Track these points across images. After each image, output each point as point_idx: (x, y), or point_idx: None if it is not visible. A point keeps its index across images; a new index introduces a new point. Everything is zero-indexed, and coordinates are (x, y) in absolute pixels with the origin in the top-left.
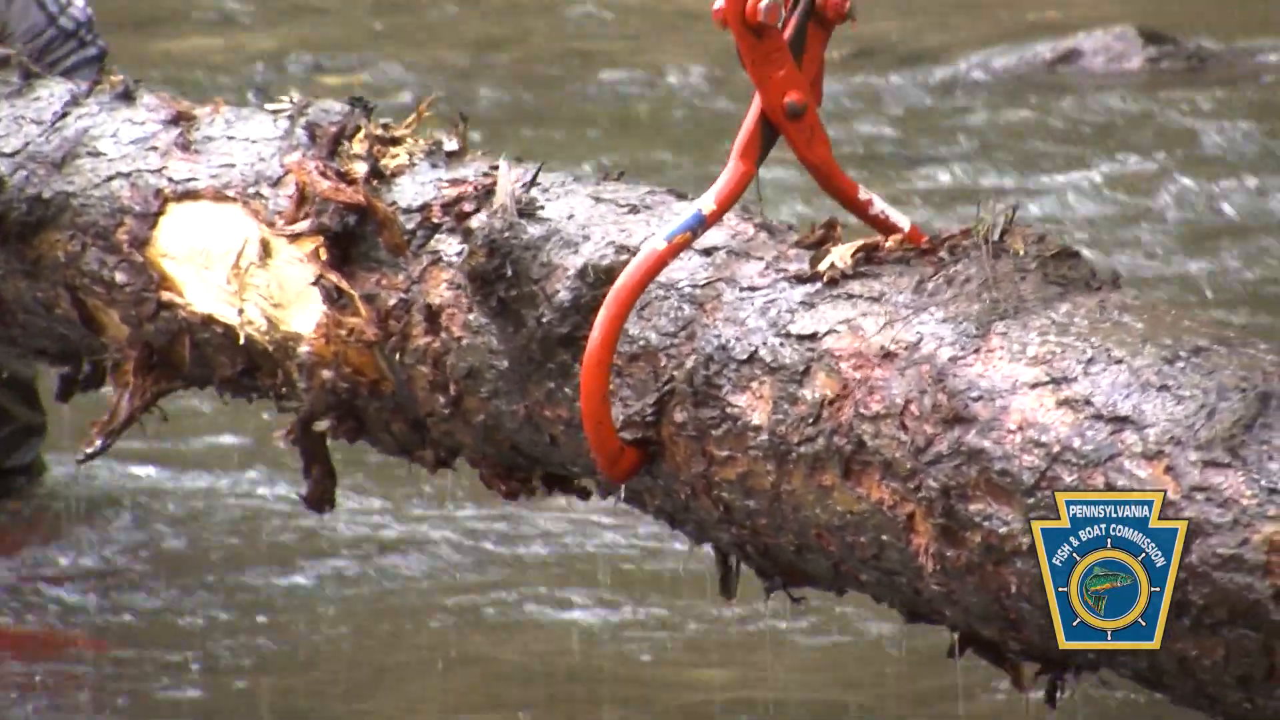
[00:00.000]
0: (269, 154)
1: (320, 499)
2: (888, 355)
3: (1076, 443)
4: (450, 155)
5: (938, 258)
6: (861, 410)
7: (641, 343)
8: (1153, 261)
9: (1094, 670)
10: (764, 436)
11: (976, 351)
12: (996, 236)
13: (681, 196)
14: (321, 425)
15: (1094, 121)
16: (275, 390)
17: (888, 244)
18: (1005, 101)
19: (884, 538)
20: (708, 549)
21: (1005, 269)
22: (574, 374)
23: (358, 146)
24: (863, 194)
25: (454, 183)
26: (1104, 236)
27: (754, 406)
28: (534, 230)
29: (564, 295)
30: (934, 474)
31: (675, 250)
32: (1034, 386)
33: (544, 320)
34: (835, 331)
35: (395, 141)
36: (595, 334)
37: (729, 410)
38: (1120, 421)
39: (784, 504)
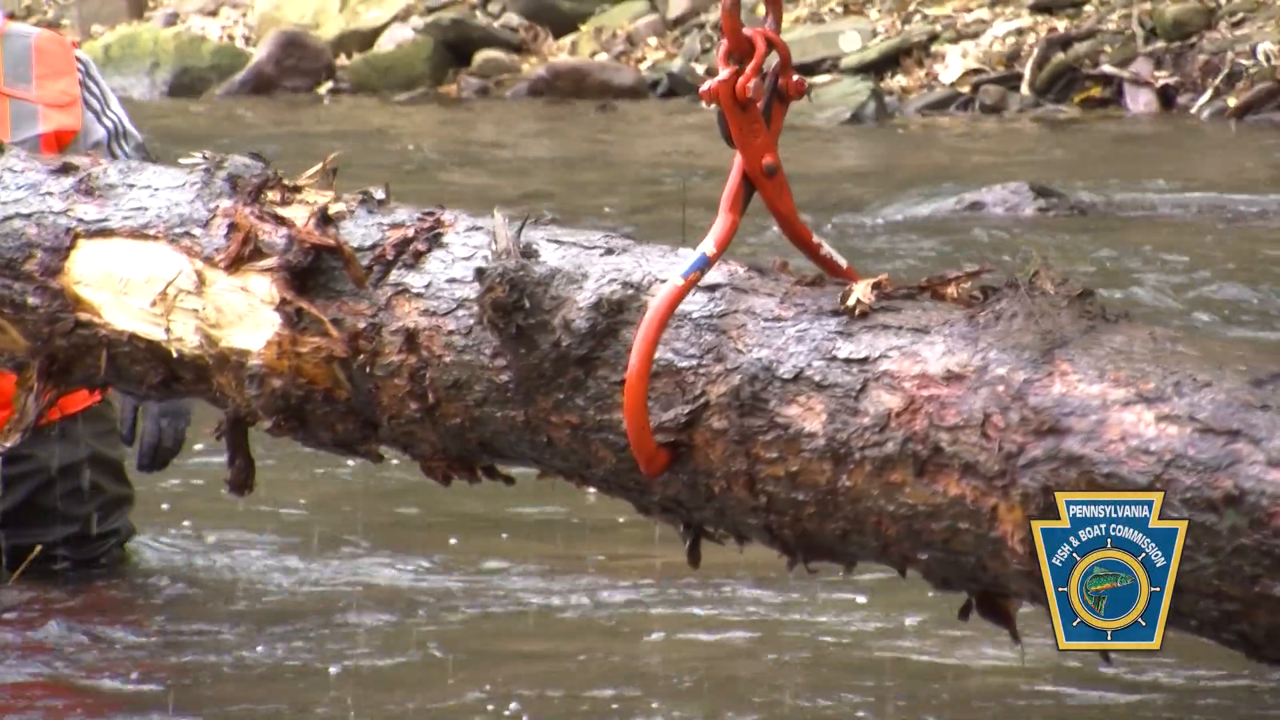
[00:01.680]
0: (186, 200)
1: (241, 485)
2: (955, 377)
3: (1191, 451)
4: (380, 203)
5: (962, 295)
6: (936, 422)
7: (664, 363)
8: None
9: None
10: (820, 441)
11: (1050, 375)
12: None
13: (629, 238)
14: (265, 425)
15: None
16: (203, 395)
17: (881, 280)
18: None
19: (961, 525)
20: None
21: (1044, 306)
22: (585, 387)
23: (272, 195)
24: (815, 239)
25: (394, 226)
26: None
27: (805, 417)
28: (539, 269)
29: (581, 323)
30: (1030, 475)
31: (690, 285)
32: (1127, 404)
33: (562, 344)
34: (888, 356)
35: (298, 190)
36: (635, 356)
37: (778, 420)
38: (1232, 434)
39: (840, 497)
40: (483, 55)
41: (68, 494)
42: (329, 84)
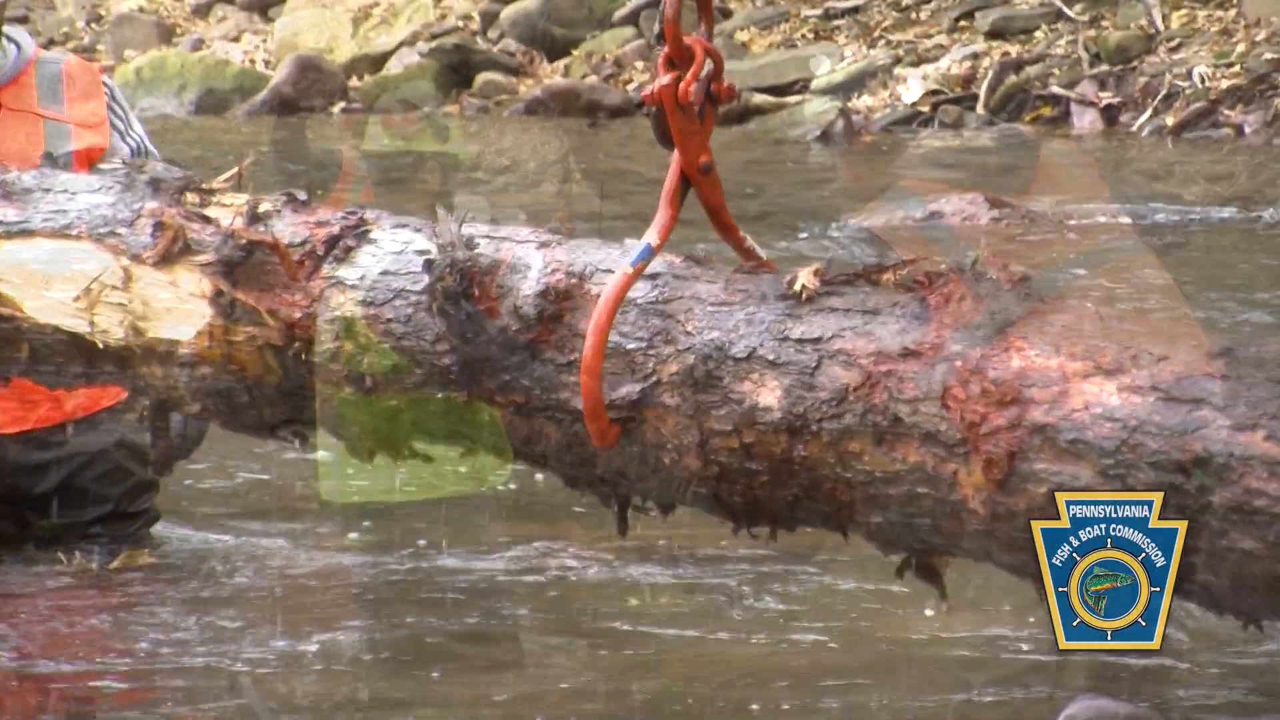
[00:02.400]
0: (108, 202)
1: (163, 466)
2: (911, 354)
3: (1156, 418)
4: (303, 204)
5: (900, 281)
6: (896, 395)
7: (612, 345)
8: None
9: None
10: (776, 415)
11: (1006, 350)
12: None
13: (557, 232)
14: (192, 409)
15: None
16: (122, 383)
17: (818, 268)
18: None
19: (920, 490)
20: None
21: (989, 288)
22: (530, 369)
23: (191, 198)
24: (740, 232)
25: (320, 225)
26: None
27: (759, 393)
28: (484, 260)
29: (530, 310)
30: (993, 442)
31: (638, 274)
32: (1087, 376)
33: (511, 329)
34: (841, 336)
35: (213, 192)
36: (590, 340)
37: (732, 396)
38: (1195, 402)
39: (795, 465)
40: (483, 77)
41: (100, 476)
42: (342, 103)
